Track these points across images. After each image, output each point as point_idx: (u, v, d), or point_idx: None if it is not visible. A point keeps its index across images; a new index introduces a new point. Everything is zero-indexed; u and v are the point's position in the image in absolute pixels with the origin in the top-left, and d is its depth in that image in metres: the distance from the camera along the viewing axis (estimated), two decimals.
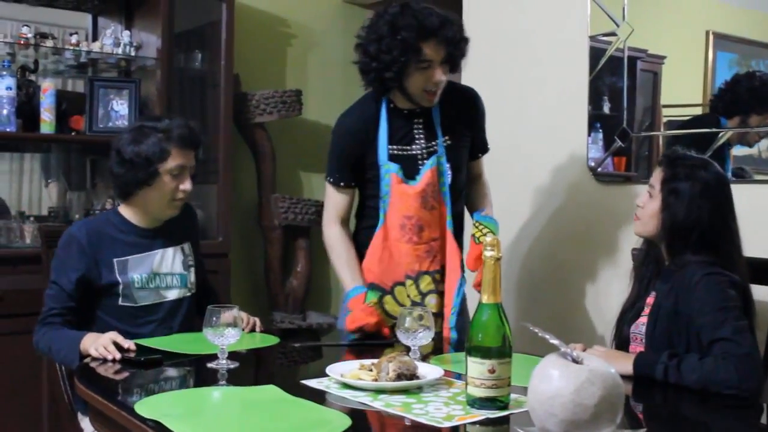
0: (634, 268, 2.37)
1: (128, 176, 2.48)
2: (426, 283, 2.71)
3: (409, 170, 2.70)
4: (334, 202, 2.82)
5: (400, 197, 2.68)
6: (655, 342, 2.16)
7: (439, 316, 2.70)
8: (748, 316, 2.07)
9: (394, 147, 2.70)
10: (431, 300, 2.72)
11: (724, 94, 3.05)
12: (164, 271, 2.59)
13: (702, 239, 2.14)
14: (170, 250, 2.62)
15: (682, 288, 2.11)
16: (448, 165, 2.71)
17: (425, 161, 2.70)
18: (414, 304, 2.70)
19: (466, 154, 2.82)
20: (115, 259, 2.51)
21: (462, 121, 2.78)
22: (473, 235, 2.67)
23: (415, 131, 2.73)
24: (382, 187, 2.70)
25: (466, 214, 2.89)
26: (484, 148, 2.91)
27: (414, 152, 2.71)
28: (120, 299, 2.51)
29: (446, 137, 2.74)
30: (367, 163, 2.74)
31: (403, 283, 2.72)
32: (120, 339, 2.29)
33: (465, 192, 2.87)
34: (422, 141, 2.72)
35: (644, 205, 2.26)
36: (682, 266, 2.14)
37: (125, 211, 2.59)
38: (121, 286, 2.50)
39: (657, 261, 2.29)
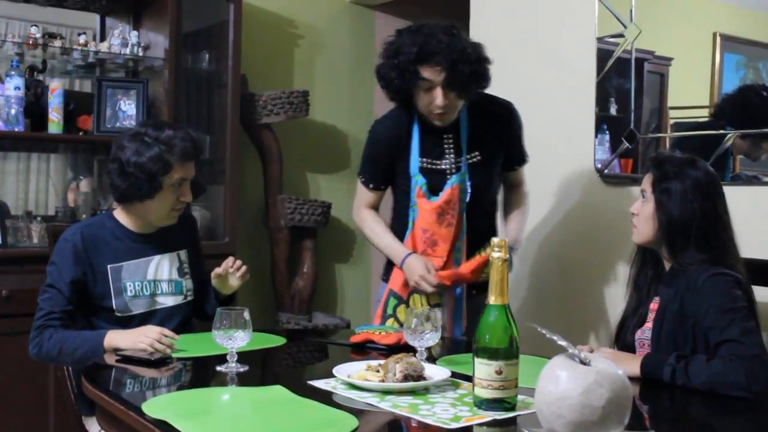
0: (632, 277, 2.37)
1: (130, 189, 2.46)
2: (434, 296, 2.72)
3: (437, 184, 2.71)
4: (364, 197, 2.88)
5: (421, 211, 2.71)
6: (661, 346, 2.15)
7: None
8: (754, 315, 2.07)
9: (425, 160, 2.72)
10: (437, 314, 2.72)
11: (728, 104, 3.03)
12: (159, 278, 2.58)
13: (701, 233, 2.14)
14: (166, 257, 2.61)
15: (688, 290, 2.11)
16: (469, 183, 2.71)
17: (453, 176, 2.71)
18: None
19: (496, 169, 2.82)
20: (109, 266, 2.50)
21: (494, 137, 2.77)
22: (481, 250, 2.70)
23: (445, 146, 2.73)
24: (412, 198, 2.73)
25: (499, 225, 2.94)
26: (520, 160, 2.89)
27: (443, 167, 2.72)
28: (114, 307, 2.49)
29: (475, 153, 2.73)
30: (398, 170, 2.77)
31: (419, 291, 2.74)
32: (168, 332, 2.29)
33: (502, 201, 2.92)
34: (452, 156, 2.72)
35: (638, 211, 2.27)
36: (685, 268, 2.15)
37: (120, 215, 2.58)
38: (113, 295, 2.48)
39: (655, 267, 2.29)
